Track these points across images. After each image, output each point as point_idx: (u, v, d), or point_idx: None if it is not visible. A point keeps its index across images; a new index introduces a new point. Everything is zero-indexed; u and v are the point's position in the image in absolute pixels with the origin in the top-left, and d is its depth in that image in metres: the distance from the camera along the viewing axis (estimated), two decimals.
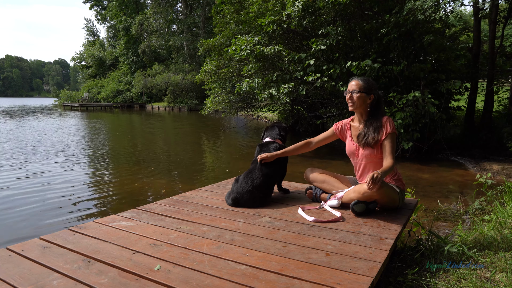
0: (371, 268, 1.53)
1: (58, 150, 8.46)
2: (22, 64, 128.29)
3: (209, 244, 1.80)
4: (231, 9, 10.66)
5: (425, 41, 6.81)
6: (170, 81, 29.46)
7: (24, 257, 1.62)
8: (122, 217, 2.22)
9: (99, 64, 42.43)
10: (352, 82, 2.49)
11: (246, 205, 2.44)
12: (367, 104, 2.47)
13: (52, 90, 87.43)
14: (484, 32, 11.78)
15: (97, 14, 44.99)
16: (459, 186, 5.44)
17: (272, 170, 2.57)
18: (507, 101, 9.34)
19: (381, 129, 2.39)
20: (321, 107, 9.68)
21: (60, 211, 4.15)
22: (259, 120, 17.64)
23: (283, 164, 2.71)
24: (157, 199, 2.77)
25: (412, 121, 6.54)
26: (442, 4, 6.49)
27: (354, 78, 2.51)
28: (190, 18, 34.58)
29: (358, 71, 6.56)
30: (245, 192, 2.44)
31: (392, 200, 2.31)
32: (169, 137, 12.56)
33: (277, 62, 8.24)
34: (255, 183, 2.46)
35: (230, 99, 11.50)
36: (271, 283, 1.41)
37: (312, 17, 7.56)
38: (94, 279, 1.44)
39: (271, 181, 2.57)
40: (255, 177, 2.49)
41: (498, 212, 3.04)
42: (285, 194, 2.81)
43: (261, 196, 2.49)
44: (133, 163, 7.19)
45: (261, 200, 2.49)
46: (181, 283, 1.40)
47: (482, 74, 8.73)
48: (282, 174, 2.77)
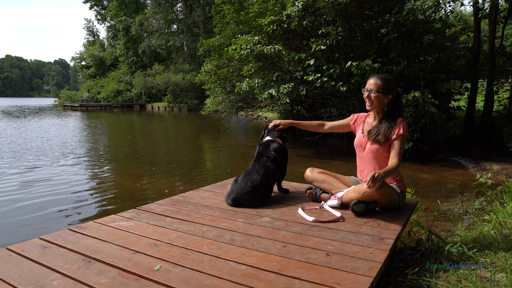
0: (371, 268, 1.53)
1: (58, 150, 8.46)
2: (22, 64, 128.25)
3: (209, 244, 1.80)
4: (231, 9, 10.65)
5: (425, 41, 6.81)
6: (170, 81, 29.45)
7: (24, 257, 1.62)
8: (122, 217, 2.21)
9: (99, 64, 42.40)
10: (371, 81, 2.45)
11: (245, 205, 2.44)
12: (384, 104, 2.47)
13: (52, 90, 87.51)
14: (484, 32, 11.78)
15: (97, 14, 44.97)
16: (459, 186, 5.44)
17: (271, 170, 2.57)
18: (507, 101, 9.34)
19: (393, 128, 2.39)
20: (321, 107, 9.68)
21: (60, 211, 4.15)
22: (259, 120, 17.64)
23: (283, 165, 2.71)
24: (157, 199, 2.77)
25: (412, 121, 6.54)
26: (442, 4, 6.49)
27: (373, 77, 2.48)
28: (190, 18, 34.56)
29: (358, 71, 6.56)
30: (244, 192, 2.44)
31: (392, 200, 2.31)
32: (169, 137, 12.56)
33: (277, 62, 8.24)
34: (254, 184, 2.46)
35: (230, 99, 11.49)
36: (271, 283, 1.41)
37: (312, 17, 7.56)
38: (94, 279, 1.44)
39: (270, 181, 2.56)
40: (254, 178, 2.49)
41: (498, 212, 3.04)
42: (285, 194, 2.81)
43: (261, 196, 2.48)
44: (133, 163, 7.19)
45: (261, 200, 2.49)
46: (181, 283, 1.40)
47: (482, 74, 8.73)
48: (282, 174, 2.77)
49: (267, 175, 2.52)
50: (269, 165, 2.56)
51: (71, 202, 4.48)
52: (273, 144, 2.69)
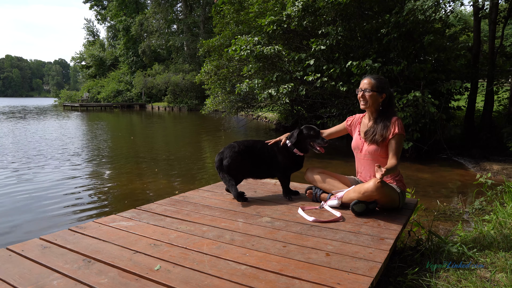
0: (371, 268, 1.53)
1: (59, 150, 8.46)
2: (22, 64, 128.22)
3: (209, 244, 1.80)
4: (231, 9, 10.65)
5: (425, 41, 6.81)
6: (170, 81, 29.44)
7: (24, 257, 1.62)
8: (122, 217, 2.22)
9: (99, 64, 42.41)
10: (365, 80, 2.46)
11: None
12: (379, 103, 2.47)
13: (52, 90, 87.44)
14: (484, 32, 11.78)
15: (97, 14, 44.96)
16: (459, 186, 5.44)
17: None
18: (507, 101, 9.33)
19: (389, 128, 2.38)
20: (321, 107, 9.67)
21: (60, 211, 4.15)
22: (259, 120, 17.64)
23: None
24: (157, 199, 2.77)
25: (412, 121, 6.54)
26: (442, 4, 6.49)
27: (366, 76, 2.49)
28: (190, 18, 34.57)
29: (358, 71, 6.55)
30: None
31: (392, 200, 2.31)
32: (169, 137, 12.56)
33: (277, 62, 8.24)
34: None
35: (230, 99, 11.50)
36: (271, 283, 1.41)
37: (312, 17, 7.56)
38: (94, 279, 1.44)
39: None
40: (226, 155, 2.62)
41: (498, 212, 3.04)
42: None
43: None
44: (133, 163, 7.19)
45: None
46: (181, 283, 1.41)
47: (482, 74, 8.72)
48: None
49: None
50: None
51: (71, 202, 4.48)
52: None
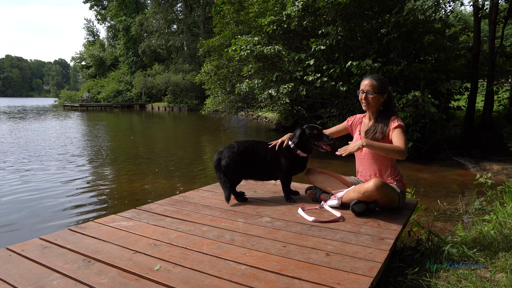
0: (371, 268, 1.53)
1: (59, 151, 8.46)
2: (22, 64, 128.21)
3: (209, 244, 1.80)
4: (231, 9, 10.64)
5: (425, 41, 6.80)
6: (170, 81, 29.43)
7: (24, 257, 1.62)
8: (122, 217, 2.22)
9: (99, 64, 42.40)
10: (366, 82, 2.44)
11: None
12: (380, 103, 2.46)
13: (52, 90, 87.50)
14: (484, 32, 11.77)
15: (97, 14, 44.94)
16: (459, 186, 5.43)
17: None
18: (507, 101, 9.33)
19: (388, 125, 2.38)
20: (321, 107, 9.67)
21: (60, 211, 4.15)
22: (259, 120, 17.63)
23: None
24: (157, 199, 2.77)
25: (412, 121, 6.53)
26: (442, 4, 6.48)
27: (367, 77, 2.47)
28: (190, 18, 34.56)
29: (358, 71, 6.55)
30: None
31: (392, 200, 2.31)
32: (169, 137, 12.56)
33: (277, 62, 8.23)
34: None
35: (230, 99, 11.49)
36: (271, 283, 1.41)
37: (312, 17, 7.56)
38: (94, 279, 1.44)
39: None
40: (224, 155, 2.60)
41: (498, 212, 3.04)
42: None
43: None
44: (133, 163, 7.19)
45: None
46: (181, 283, 1.41)
47: (482, 74, 8.72)
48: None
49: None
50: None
51: (71, 202, 4.48)
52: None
